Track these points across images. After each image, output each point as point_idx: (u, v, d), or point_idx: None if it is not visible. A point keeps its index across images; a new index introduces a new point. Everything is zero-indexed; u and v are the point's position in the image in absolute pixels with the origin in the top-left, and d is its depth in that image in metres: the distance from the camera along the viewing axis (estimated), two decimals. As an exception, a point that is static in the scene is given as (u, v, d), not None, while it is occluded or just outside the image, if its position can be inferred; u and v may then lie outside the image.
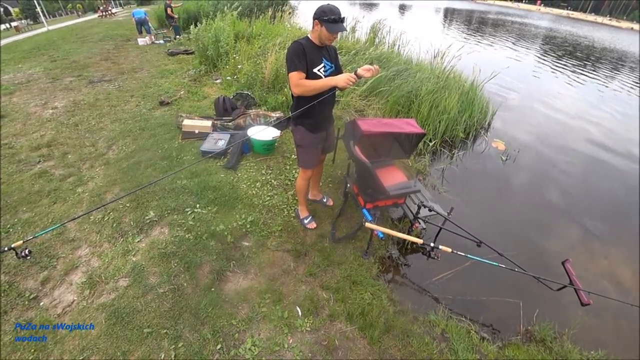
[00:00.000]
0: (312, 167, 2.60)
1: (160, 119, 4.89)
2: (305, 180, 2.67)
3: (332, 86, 2.04)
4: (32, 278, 2.32)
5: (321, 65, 2.13)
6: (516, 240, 3.21)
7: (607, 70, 12.32)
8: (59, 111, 5.21)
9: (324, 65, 2.15)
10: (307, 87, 2.05)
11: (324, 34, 2.03)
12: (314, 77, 2.11)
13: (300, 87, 2.05)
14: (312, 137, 2.39)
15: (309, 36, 2.13)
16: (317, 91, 2.07)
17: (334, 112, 2.60)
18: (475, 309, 2.46)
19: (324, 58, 2.15)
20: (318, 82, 2.06)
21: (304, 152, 2.50)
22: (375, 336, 2.07)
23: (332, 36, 2.05)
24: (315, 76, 2.11)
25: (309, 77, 2.09)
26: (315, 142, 2.44)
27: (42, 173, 3.51)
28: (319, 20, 2.00)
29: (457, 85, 5.35)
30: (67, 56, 9.22)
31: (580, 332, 2.33)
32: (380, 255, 2.78)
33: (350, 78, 1.96)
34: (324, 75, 2.15)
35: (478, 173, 4.45)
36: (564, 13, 60.93)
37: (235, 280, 2.38)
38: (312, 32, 2.10)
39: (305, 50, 2.04)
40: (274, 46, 6.01)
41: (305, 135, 2.38)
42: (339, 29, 2.03)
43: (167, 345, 1.92)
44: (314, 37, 2.10)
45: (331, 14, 1.96)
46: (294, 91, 2.11)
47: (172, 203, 3.02)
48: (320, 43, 2.11)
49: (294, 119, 2.33)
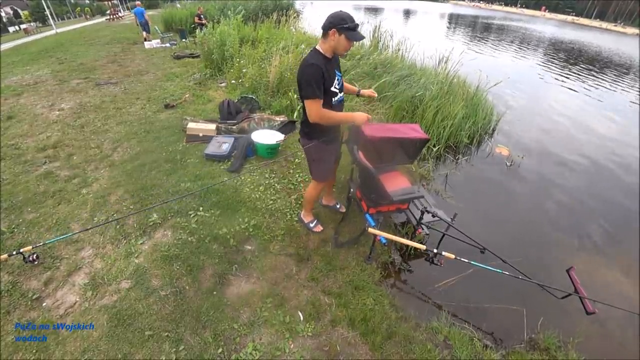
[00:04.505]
0: (327, 180, 2.60)
1: (165, 121, 4.93)
2: (318, 192, 2.66)
3: (350, 122, 2.14)
4: (36, 278, 2.33)
5: (336, 80, 2.07)
6: (520, 247, 3.17)
7: (613, 76, 12.25)
8: (65, 113, 5.27)
9: (337, 79, 2.10)
10: (328, 119, 2.04)
11: (343, 44, 1.90)
12: (331, 94, 2.06)
13: (321, 119, 2.01)
14: (328, 150, 2.37)
15: (319, 49, 1.96)
16: (334, 124, 2.13)
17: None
18: (478, 316, 2.43)
19: (336, 70, 2.10)
20: (339, 115, 2.12)
21: (319, 166, 2.47)
22: (377, 342, 2.05)
23: (349, 45, 1.92)
24: (333, 93, 2.06)
25: (328, 95, 2.03)
26: (331, 154, 2.44)
27: (47, 174, 3.54)
28: (337, 30, 1.84)
29: (461, 91, 5.35)
30: (75, 59, 9.36)
31: (585, 342, 2.29)
32: (383, 261, 2.76)
33: (368, 118, 2.13)
34: (338, 88, 2.12)
35: (482, 179, 4.43)
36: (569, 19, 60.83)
37: (237, 284, 2.37)
38: (325, 43, 1.93)
39: (324, 73, 1.91)
40: (278, 50, 6.05)
41: (321, 149, 2.31)
42: (360, 37, 1.93)
43: (168, 348, 1.91)
44: (326, 48, 1.94)
45: (351, 21, 1.84)
46: (312, 120, 2.03)
47: (176, 206, 3.04)
48: (332, 54, 1.99)
49: (307, 135, 2.28)
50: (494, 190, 4.22)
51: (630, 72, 13.78)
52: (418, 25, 24.39)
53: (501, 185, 4.34)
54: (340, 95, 2.15)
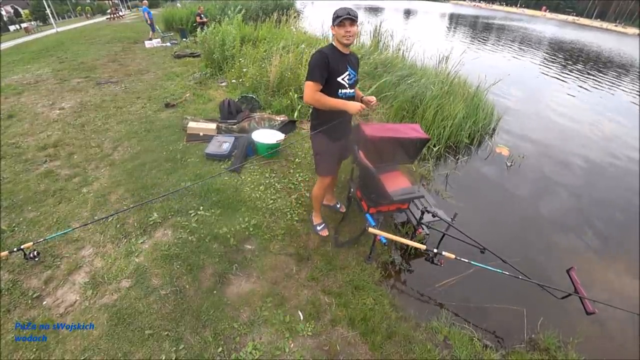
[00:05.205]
0: (330, 175, 2.61)
1: (166, 121, 4.93)
2: (323, 189, 2.67)
3: (343, 109, 2.10)
4: (36, 277, 2.33)
5: (346, 73, 2.12)
6: (520, 247, 3.18)
7: (613, 76, 12.23)
8: (65, 112, 5.27)
9: (348, 73, 2.13)
10: (320, 102, 2.10)
11: (338, 32, 2.01)
12: (337, 85, 2.11)
13: (313, 100, 2.09)
14: (331, 145, 2.38)
15: (333, 43, 2.12)
16: (327, 108, 2.12)
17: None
18: (478, 316, 2.43)
19: (349, 66, 2.14)
20: (332, 100, 2.10)
21: (322, 160, 2.50)
22: (377, 342, 2.05)
23: (344, 31, 1.98)
24: (339, 85, 2.11)
25: (333, 85, 2.09)
26: (334, 150, 2.44)
27: (48, 173, 3.55)
28: (332, 25, 2.02)
29: (461, 91, 5.34)
30: (75, 58, 9.36)
31: (585, 342, 2.29)
32: (383, 261, 2.76)
33: (361, 108, 2.07)
34: (348, 83, 2.15)
35: (482, 178, 4.43)
36: (570, 19, 60.75)
37: (238, 283, 2.37)
38: (334, 39, 2.10)
39: (329, 60, 2.02)
40: (279, 50, 6.05)
41: (324, 143, 2.37)
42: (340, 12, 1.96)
43: (168, 347, 1.92)
44: (336, 43, 2.10)
45: (338, 13, 1.96)
46: (305, 100, 2.13)
47: (176, 205, 3.04)
48: (344, 48, 2.09)
49: (312, 126, 2.35)
50: (494, 190, 4.22)
51: (631, 72, 13.76)
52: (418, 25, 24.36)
53: (501, 185, 4.33)
54: (349, 90, 2.18)
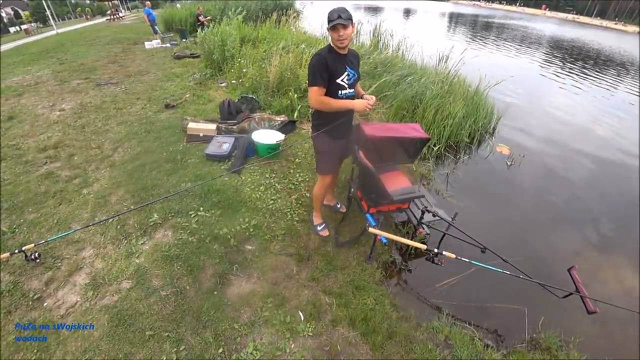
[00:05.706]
0: (330, 174, 2.61)
1: (166, 121, 4.93)
2: (323, 188, 2.68)
3: (349, 109, 2.12)
4: (37, 278, 2.34)
5: (344, 74, 2.12)
6: (521, 246, 3.17)
7: (613, 75, 12.21)
8: (66, 113, 5.28)
9: (347, 74, 2.13)
10: (326, 105, 2.12)
11: (332, 36, 2.01)
12: (337, 87, 2.11)
13: (320, 104, 2.12)
14: (332, 144, 2.39)
15: (331, 44, 2.10)
16: (335, 110, 2.14)
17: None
18: (479, 315, 2.43)
19: (347, 66, 2.13)
20: (338, 102, 2.12)
21: (323, 159, 2.51)
22: (378, 342, 2.05)
23: (337, 35, 1.97)
24: (339, 86, 2.11)
25: (332, 87, 2.10)
26: (335, 149, 2.45)
27: (48, 174, 3.55)
28: (328, 28, 2.01)
29: (461, 90, 5.33)
30: (75, 59, 9.37)
31: (586, 341, 2.29)
32: (383, 261, 2.76)
33: (368, 105, 2.07)
34: (347, 83, 2.15)
35: (483, 178, 4.42)
36: (570, 17, 60.60)
37: (238, 284, 2.37)
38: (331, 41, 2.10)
39: (327, 62, 2.02)
40: (279, 50, 6.04)
41: (326, 142, 2.37)
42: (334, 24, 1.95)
43: (169, 348, 1.92)
44: (333, 44, 2.09)
45: (330, 17, 1.95)
46: (312, 105, 2.16)
47: (176, 206, 3.04)
48: (340, 49, 2.08)
49: (314, 126, 2.36)
50: (494, 190, 4.21)
51: (631, 70, 13.73)
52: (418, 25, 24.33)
53: (502, 184, 4.33)
54: (348, 91, 2.18)
